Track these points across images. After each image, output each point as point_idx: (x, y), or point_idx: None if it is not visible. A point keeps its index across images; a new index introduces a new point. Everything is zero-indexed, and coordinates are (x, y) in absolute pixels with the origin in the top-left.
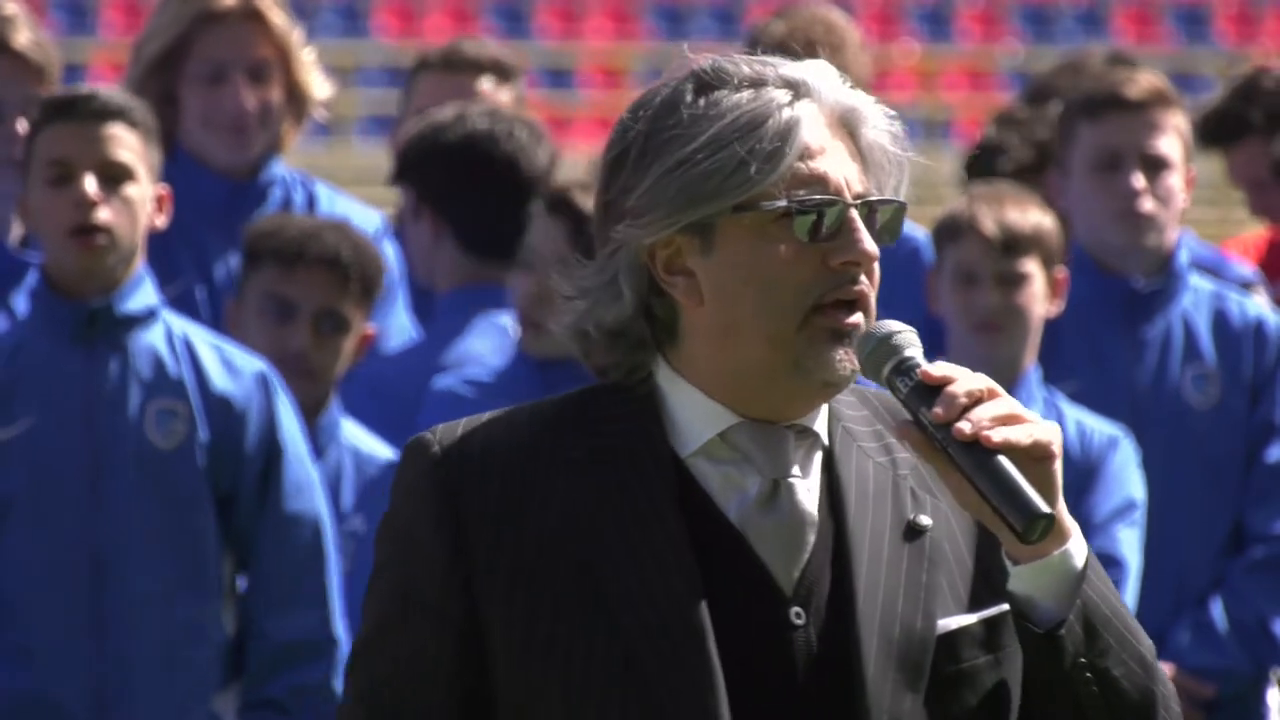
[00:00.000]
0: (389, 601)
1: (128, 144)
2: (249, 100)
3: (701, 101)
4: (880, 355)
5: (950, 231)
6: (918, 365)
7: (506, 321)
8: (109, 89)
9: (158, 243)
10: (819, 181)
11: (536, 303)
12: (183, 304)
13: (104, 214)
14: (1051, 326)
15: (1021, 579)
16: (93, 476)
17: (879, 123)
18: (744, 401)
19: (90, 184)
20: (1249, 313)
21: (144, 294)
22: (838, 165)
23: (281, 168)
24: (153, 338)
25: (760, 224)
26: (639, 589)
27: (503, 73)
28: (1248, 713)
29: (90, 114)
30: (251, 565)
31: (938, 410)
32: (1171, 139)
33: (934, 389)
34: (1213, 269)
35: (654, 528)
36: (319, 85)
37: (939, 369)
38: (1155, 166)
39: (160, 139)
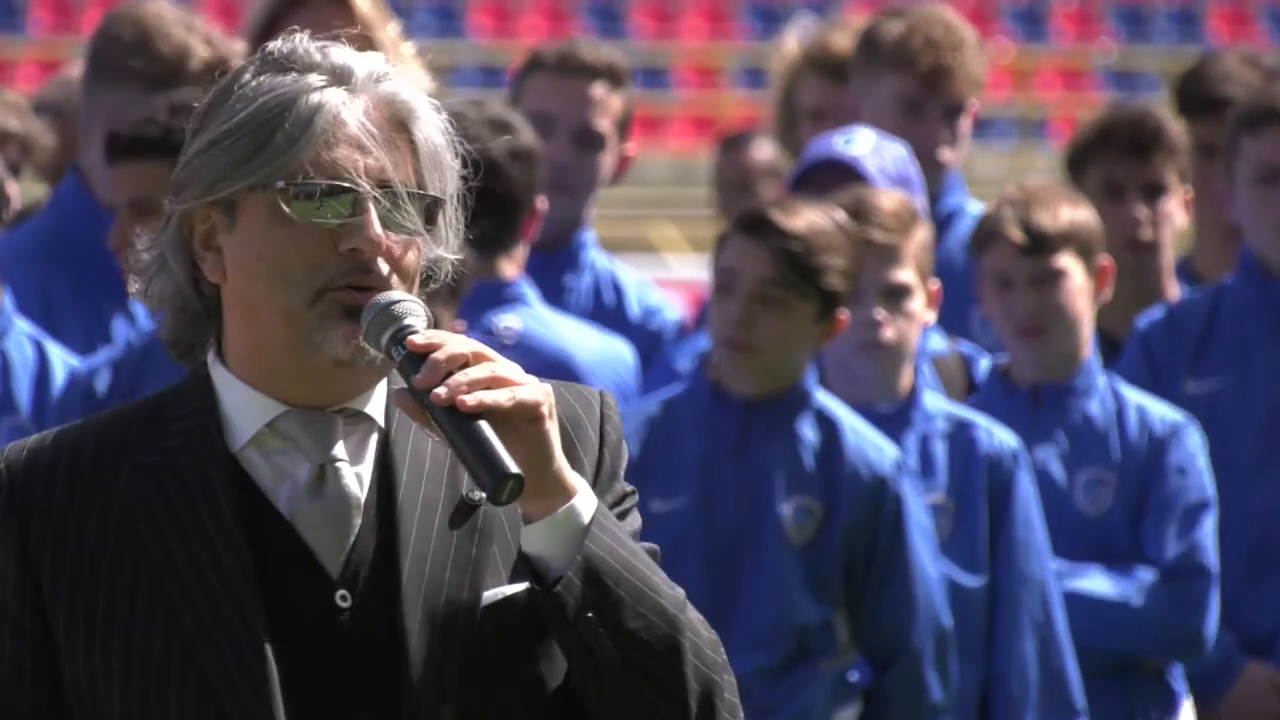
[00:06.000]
0: None
1: None
2: None
3: (254, 82)
4: (379, 324)
5: (983, 238)
6: (411, 333)
7: (510, 320)
8: None
9: None
10: (333, 167)
11: (743, 328)
12: None
13: None
14: (1206, 324)
15: (532, 538)
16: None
17: (432, 121)
18: (280, 387)
19: None
20: None
21: None
22: (362, 154)
23: None
24: None
25: (274, 204)
26: (196, 588)
27: (616, 78)
28: None
29: None
30: None
31: (418, 377)
32: None
33: (422, 357)
34: None
35: (207, 527)
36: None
37: (425, 336)
38: None
39: None
